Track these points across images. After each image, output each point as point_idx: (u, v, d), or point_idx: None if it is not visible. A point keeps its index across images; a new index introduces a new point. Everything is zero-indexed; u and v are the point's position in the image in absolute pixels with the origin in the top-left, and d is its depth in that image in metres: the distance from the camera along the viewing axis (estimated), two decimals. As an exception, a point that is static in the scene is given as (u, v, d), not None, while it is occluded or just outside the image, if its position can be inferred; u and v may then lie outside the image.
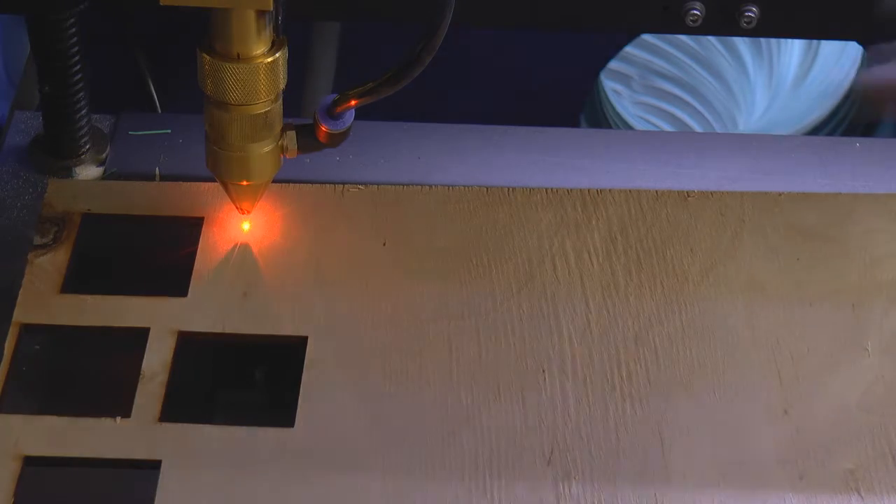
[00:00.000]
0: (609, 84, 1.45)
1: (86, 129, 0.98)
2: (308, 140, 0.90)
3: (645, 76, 1.44)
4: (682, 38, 1.43)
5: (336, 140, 0.90)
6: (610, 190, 0.96)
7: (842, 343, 0.88)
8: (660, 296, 0.90)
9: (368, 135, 1.00)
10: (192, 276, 0.90)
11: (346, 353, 0.86)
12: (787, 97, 1.44)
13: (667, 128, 1.44)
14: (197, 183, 0.95)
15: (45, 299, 0.89)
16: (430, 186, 0.96)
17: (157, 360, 0.86)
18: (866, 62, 0.88)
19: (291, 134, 0.89)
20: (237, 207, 0.92)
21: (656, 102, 1.45)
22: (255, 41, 0.84)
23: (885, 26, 0.93)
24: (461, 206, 0.95)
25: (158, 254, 0.94)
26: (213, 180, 0.91)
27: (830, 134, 1.43)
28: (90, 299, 0.89)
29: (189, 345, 0.87)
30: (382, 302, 0.89)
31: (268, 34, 0.84)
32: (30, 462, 0.81)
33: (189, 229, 0.93)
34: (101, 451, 0.82)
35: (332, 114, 0.88)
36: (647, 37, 1.42)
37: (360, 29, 1.33)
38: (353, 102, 0.87)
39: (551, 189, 0.96)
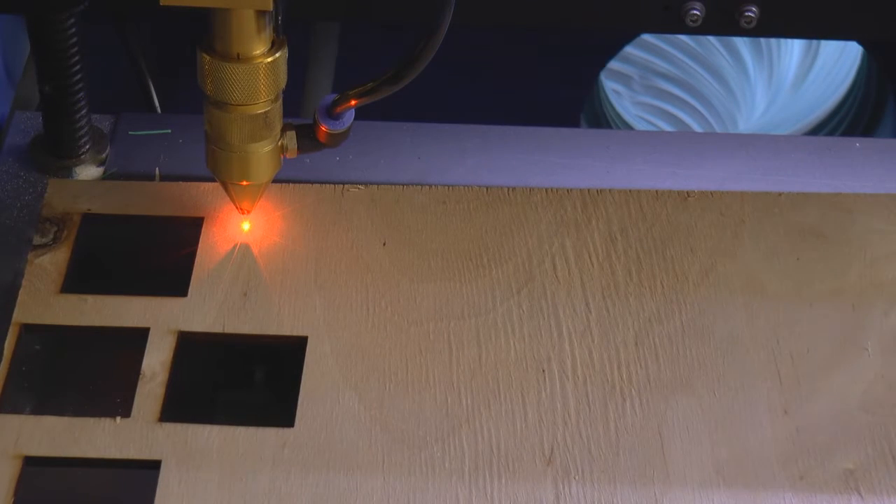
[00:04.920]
0: (609, 84, 1.45)
1: (86, 129, 0.98)
2: (308, 140, 0.90)
3: (645, 76, 1.45)
4: (682, 38, 1.43)
5: (336, 140, 0.90)
6: (610, 190, 0.96)
7: (842, 343, 0.88)
8: (660, 296, 0.90)
9: (368, 135, 1.00)
10: (192, 276, 0.90)
11: (346, 353, 0.86)
12: (787, 97, 1.44)
13: (667, 128, 1.44)
14: (197, 183, 0.95)
15: (45, 299, 0.89)
16: (430, 186, 0.96)
17: (157, 360, 0.86)
18: None
19: (291, 134, 0.89)
20: (237, 207, 0.92)
21: (656, 102, 1.45)
22: (255, 41, 0.84)
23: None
24: (461, 206, 0.95)
25: (158, 254, 0.94)
26: (213, 180, 0.91)
27: (830, 134, 1.44)
28: (90, 299, 0.89)
29: (189, 345, 0.87)
30: (382, 302, 0.89)
31: (268, 34, 0.84)
32: (30, 462, 0.81)
33: (189, 229, 0.93)
34: (101, 451, 0.82)
35: (332, 114, 0.88)
36: (647, 37, 1.43)
37: (360, 29, 1.33)
38: (353, 102, 0.87)
39: (551, 189, 0.96)
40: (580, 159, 1.00)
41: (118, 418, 0.83)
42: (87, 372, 0.93)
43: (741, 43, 1.42)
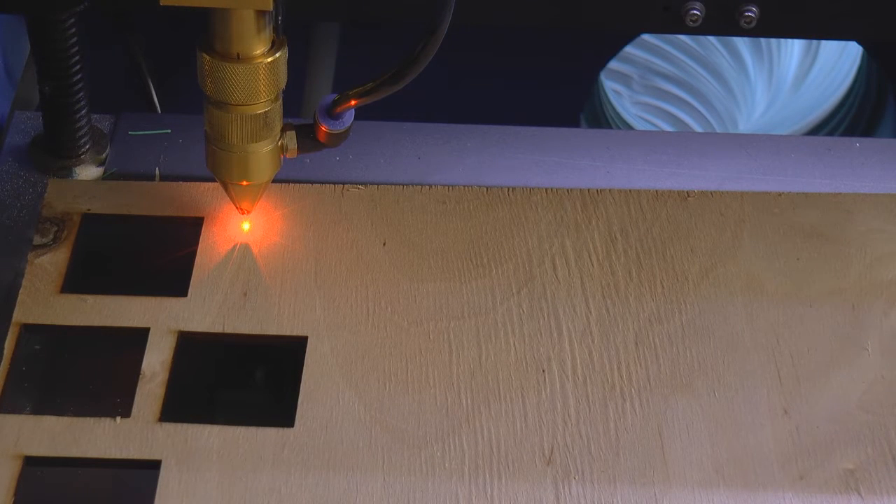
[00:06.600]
0: (609, 84, 1.45)
1: (86, 129, 0.98)
2: (308, 140, 0.90)
3: (645, 76, 1.45)
4: (682, 38, 1.43)
5: (336, 140, 0.90)
6: (610, 190, 0.96)
7: (842, 343, 0.88)
8: (660, 296, 0.90)
9: (368, 135, 1.00)
10: (192, 276, 0.90)
11: (346, 354, 0.86)
12: (787, 97, 1.44)
13: (667, 128, 1.44)
14: (197, 183, 0.95)
15: (45, 299, 0.89)
16: (430, 186, 0.96)
17: (157, 360, 0.86)
18: None
19: (291, 134, 0.89)
20: (237, 207, 0.92)
21: (656, 102, 1.45)
22: (255, 41, 0.84)
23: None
24: (461, 205, 0.95)
25: (158, 254, 0.94)
26: (213, 180, 0.91)
27: (830, 134, 1.44)
28: (90, 299, 0.89)
29: (189, 345, 0.87)
30: (382, 302, 0.89)
31: (268, 34, 0.84)
32: (30, 462, 0.81)
33: (189, 229, 0.93)
34: (101, 451, 0.82)
35: (332, 114, 0.88)
36: (647, 37, 1.43)
37: (360, 29, 1.33)
38: (353, 102, 0.87)
39: (551, 189, 0.96)
40: (580, 159, 1.00)
41: (118, 418, 0.83)
42: (87, 372, 0.93)
43: (741, 43, 1.42)
